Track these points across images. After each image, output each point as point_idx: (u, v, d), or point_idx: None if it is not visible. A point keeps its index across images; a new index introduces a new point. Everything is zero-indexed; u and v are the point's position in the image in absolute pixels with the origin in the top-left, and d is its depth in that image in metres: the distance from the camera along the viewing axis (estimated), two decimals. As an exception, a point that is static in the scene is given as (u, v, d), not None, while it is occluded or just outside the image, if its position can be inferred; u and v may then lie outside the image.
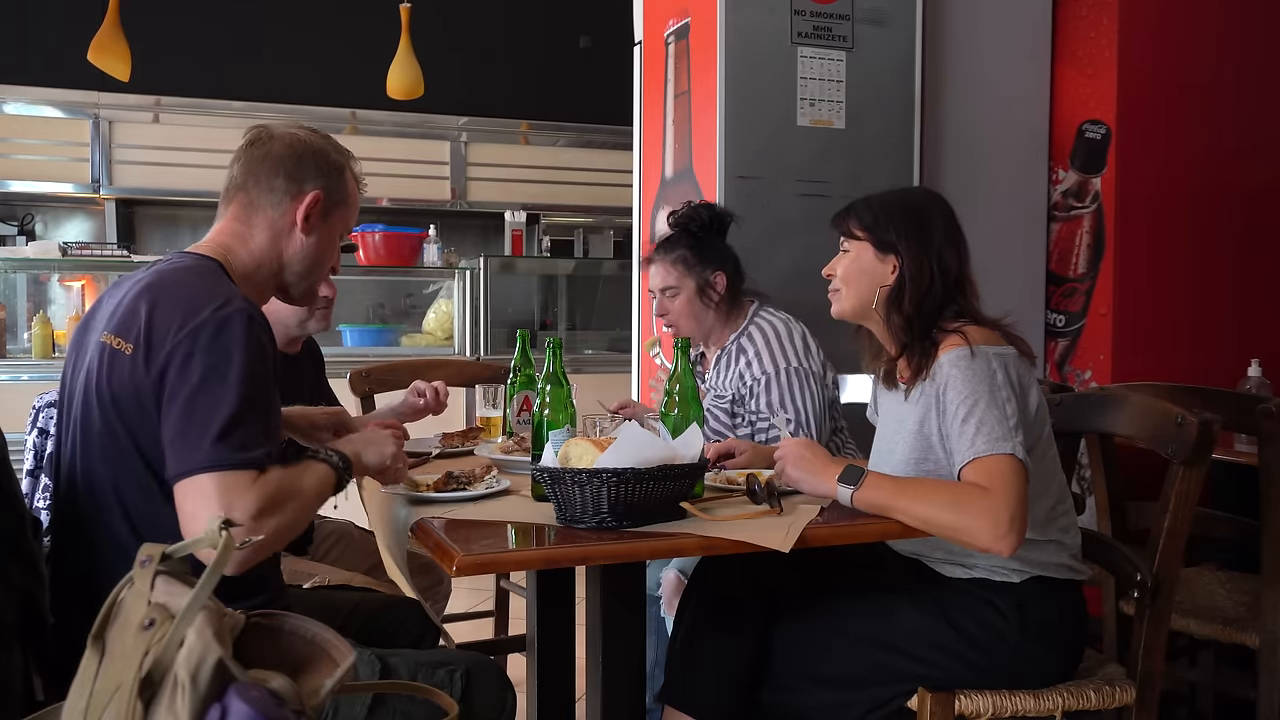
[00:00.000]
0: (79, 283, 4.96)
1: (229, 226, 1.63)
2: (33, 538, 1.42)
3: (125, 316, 1.46)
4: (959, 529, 1.57)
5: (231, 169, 1.65)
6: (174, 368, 1.39)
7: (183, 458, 1.36)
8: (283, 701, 0.91)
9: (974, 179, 3.33)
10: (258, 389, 1.41)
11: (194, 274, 1.52)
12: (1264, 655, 2.05)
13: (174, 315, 1.42)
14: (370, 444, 1.64)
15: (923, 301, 1.77)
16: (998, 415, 1.62)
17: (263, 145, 1.63)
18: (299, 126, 1.68)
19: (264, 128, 1.66)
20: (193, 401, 1.37)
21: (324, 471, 1.50)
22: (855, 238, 1.84)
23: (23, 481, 1.78)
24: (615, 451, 1.49)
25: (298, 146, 1.63)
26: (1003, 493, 1.56)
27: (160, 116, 5.52)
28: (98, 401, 1.45)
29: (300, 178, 1.62)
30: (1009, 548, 1.55)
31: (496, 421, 2.42)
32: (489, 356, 4.65)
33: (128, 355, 1.43)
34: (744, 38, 2.95)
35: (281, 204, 1.61)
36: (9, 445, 1.38)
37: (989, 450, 1.60)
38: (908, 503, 1.60)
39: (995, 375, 1.66)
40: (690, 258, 2.45)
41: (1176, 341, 3.27)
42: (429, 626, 1.95)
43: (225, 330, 1.40)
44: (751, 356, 2.40)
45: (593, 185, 6.13)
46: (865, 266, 1.82)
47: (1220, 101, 3.34)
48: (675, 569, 2.22)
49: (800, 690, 1.77)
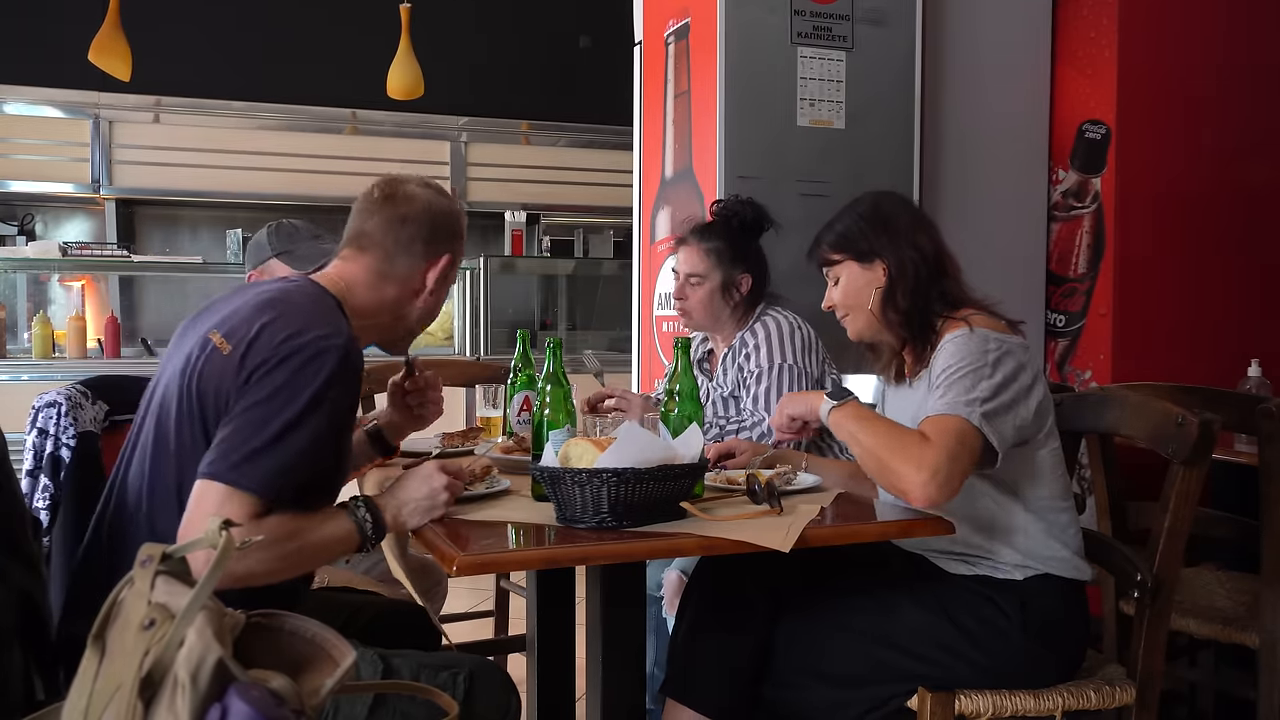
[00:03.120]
0: (79, 283, 4.97)
1: (358, 274, 1.67)
2: (33, 538, 1.42)
3: (239, 323, 1.50)
4: (889, 469, 1.62)
5: (363, 219, 1.68)
6: (259, 375, 1.44)
7: (211, 459, 1.41)
8: (283, 701, 0.91)
9: (974, 179, 3.33)
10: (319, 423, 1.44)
11: (315, 301, 1.57)
12: (1264, 655, 2.04)
13: (281, 330, 1.47)
14: (419, 511, 1.54)
15: (914, 291, 1.81)
16: (970, 384, 1.65)
17: (401, 206, 1.67)
18: (427, 184, 1.72)
19: (397, 182, 1.70)
20: (254, 411, 1.42)
21: (347, 531, 1.49)
22: (835, 263, 1.89)
23: (22, 481, 1.77)
24: (615, 451, 1.49)
25: (437, 214, 1.69)
26: (941, 446, 1.59)
27: (160, 116, 5.52)
28: (185, 391, 1.49)
29: (437, 242, 1.68)
30: (925, 498, 1.57)
31: (496, 421, 2.42)
32: (489, 356, 4.66)
33: (225, 355, 1.47)
34: (744, 38, 2.95)
35: (417, 266, 1.68)
36: (9, 445, 1.39)
37: (944, 410, 1.64)
38: (864, 432, 1.68)
39: (988, 354, 1.68)
40: (725, 251, 2.45)
41: (1176, 341, 3.27)
42: (431, 630, 1.95)
43: (319, 358, 1.44)
44: (751, 349, 2.41)
45: (593, 185, 6.13)
46: (859, 283, 1.86)
47: (1220, 101, 3.34)
48: (676, 569, 2.22)
49: (802, 687, 1.77)
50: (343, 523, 1.49)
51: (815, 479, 1.85)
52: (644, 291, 3.44)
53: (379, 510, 1.51)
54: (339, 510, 1.51)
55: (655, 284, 3.34)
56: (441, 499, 1.55)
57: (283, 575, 1.44)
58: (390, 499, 1.54)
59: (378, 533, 1.51)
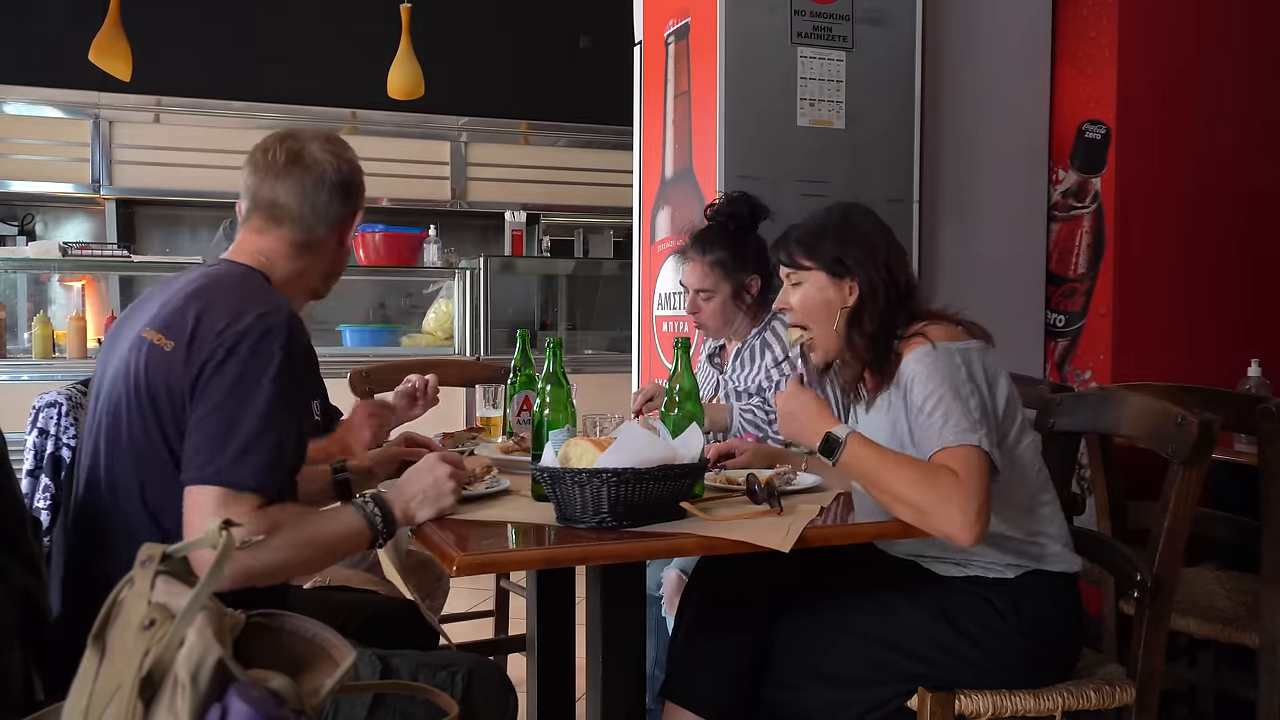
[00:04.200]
0: (79, 283, 4.96)
1: (278, 246, 1.63)
2: (33, 538, 1.42)
3: (172, 316, 1.48)
4: (927, 509, 1.55)
5: (269, 185, 1.62)
6: (211, 367, 1.42)
7: (199, 463, 1.39)
8: (283, 701, 0.91)
9: (974, 179, 3.33)
10: (287, 404, 1.43)
11: (245, 282, 1.56)
12: (1264, 655, 2.04)
13: (220, 318, 1.45)
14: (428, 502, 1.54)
15: (881, 316, 1.77)
16: (962, 408, 1.63)
17: (311, 170, 1.62)
18: (324, 139, 1.67)
19: (299, 142, 1.64)
20: (222, 408, 1.40)
21: (357, 527, 1.48)
22: (803, 268, 1.83)
23: (23, 481, 1.77)
24: (615, 451, 1.49)
25: (344, 173, 1.65)
26: (971, 484, 1.56)
27: (160, 116, 5.53)
28: (132, 395, 1.47)
29: (349, 203, 1.67)
30: (973, 538, 1.55)
31: (496, 421, 2.42)
32: (489, 356, 4.65)
33: (168, 351, 1.45)
34: (744, 38, 2.95)
35: (332, 230, 1.66)
36: (9, 445, 1.39)
37: (957, 441, 1.60)
38: (889, 475, 1.59)
39: (959, 370, 1.67)
40: (728, 261, 2.45)
41: (1176, 341, 3.27)
42: (429, 629, 1.95)
43: (267, 337, 1.43)
44: (779, 352, 2.42)
45: (593, 185, 6.13)
46: (826, 296, 1.80)
47: (1220, 101, 3.34)
48: (676, 569, 2.22)
49: (801, 688, 1.77)
50: (353, 519, 1.48)
51: (815, 479, 1.84)
52: (644, 291, 3.44)
53: (387, 505, 1.51)
54: (348, 507, 1.50)
55: (655, 284, 3.34)
56: (448, 487, 1.54)
57: (299, 573, 1.46)
58: (397, 494, 1.54)
59: (388, 527, 1.50)
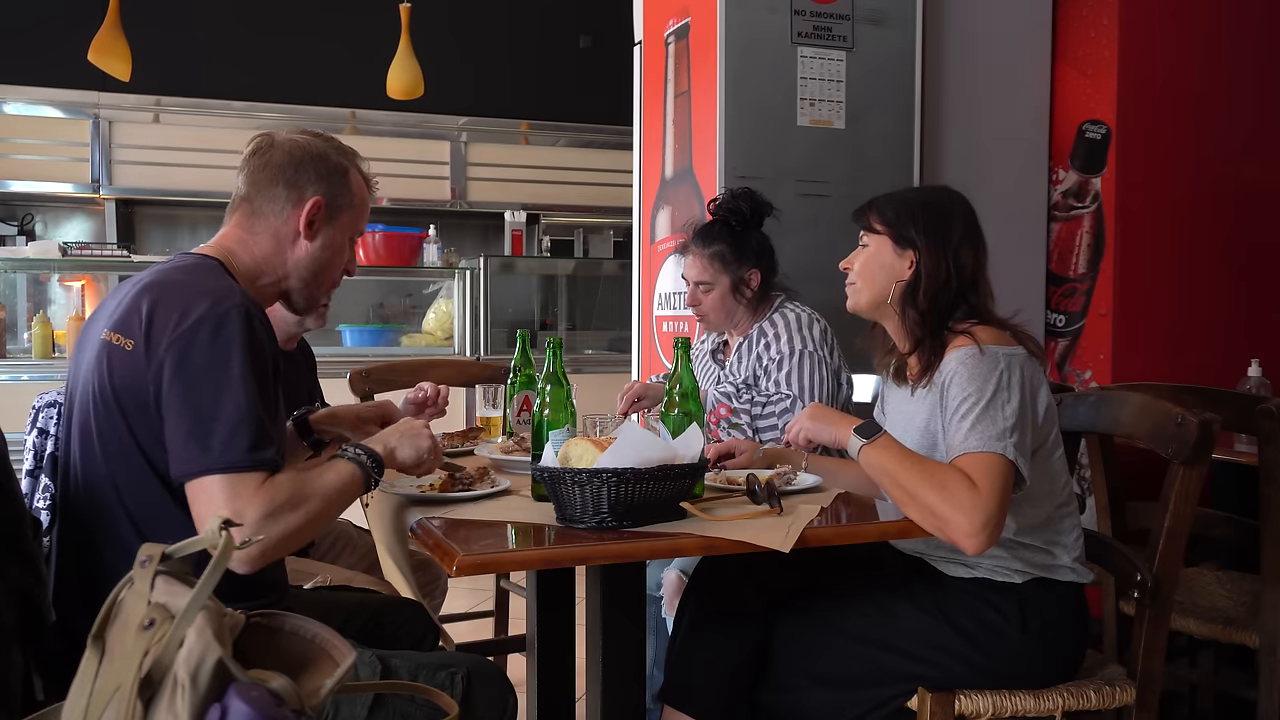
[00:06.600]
0: (79, 283, 4.96)
1: (232, 233, 1.63)
2: (33, 538, 1.41)
3: (126, 314, 1.46)
4: (937, 513, 1.56)
5: (237, 178, 1.64)
6: (171, 363, 1.40)
7: (191, 458, 1.37)
8: (283, 701, 0.91)
9: (974, 179, 3.32)
10: (260, 386, 1.42)
11: (195, 272, 1.53)
12: (1264, 655, 2.04)
13: (173, 311, 1.43)
14: (406, 437, 1.61)
15: (937, 297, 1.77)
16: (995, 414, 1.62)
17: (264, 154, 1.62)
18: (301, 131, 1.67)
19: (267, 135, 1.65)
20: (195, 399, 1.38)
21: (350, 472, 1.49)
22: (875, 232, 1.84)
23: (23, 481, 1.77)
24: (615, 451, 1.49)
25: (297, 153, 1.62)
26: (987, 492, 1.56)
27: (160, 116, 5.53)
28: (100, 398, 1.46)
29: (300, 184, 1.61)
30: (977, 547, 1.55)
31: (496, 421, 2.42)
32: (489, 356, 4.65)
33: (129, 351, 1.43)
34: (744, 38, 2.95)
35: (284, 212, 1.61)
36: (9, 445, 1.38)
37: (981, 447, 1.60)
38: (905, 474, 1.60)
39: (1001, 375, 1.66)
40: (728, 254, 2.46)
41: (1176, 341, 3.27)
42: (430, 628, 1.95)
43: (224, 326, 1.41)
44: (771, 338, 2.44)
45: (593, 185, 6.14)
46: (884, 261, 1.82)
47: (1220, 101, 3.33)
48: (676, 569, 2.22)
49: (800, 690, 1.77)
50: (345, 466, 1.50)
51: (815, 479, 1.84)
52: (644, 291, 3.44)
53: (370, 448, 1.54)
54: (338, 459, 1.51)
55: (655, 284, 3.34)
56: (424, 433, 1.62)
57: (312, 533, 1.46)
58: (376, 439, 1.59)
59: (377, 467, 1.53)
